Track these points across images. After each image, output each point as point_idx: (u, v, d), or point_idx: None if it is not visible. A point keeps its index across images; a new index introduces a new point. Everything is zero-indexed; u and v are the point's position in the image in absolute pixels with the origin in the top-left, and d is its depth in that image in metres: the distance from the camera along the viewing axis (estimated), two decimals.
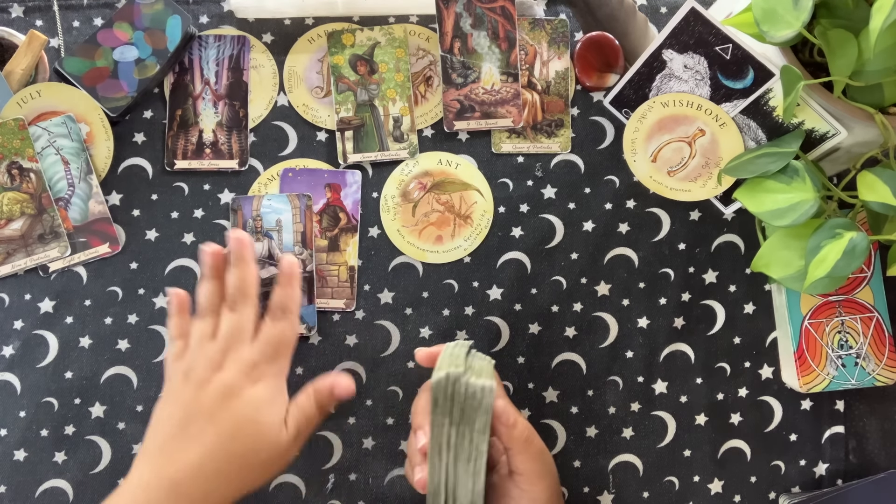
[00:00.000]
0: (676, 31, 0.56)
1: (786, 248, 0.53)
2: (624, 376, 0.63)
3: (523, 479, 0.49)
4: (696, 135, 0.58)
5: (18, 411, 0.59)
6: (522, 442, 0.49)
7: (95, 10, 0.62)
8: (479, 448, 0.46)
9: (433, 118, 0.63)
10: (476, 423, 0.46)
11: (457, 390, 0.47)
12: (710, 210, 0.64)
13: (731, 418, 0.63)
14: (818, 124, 0.54)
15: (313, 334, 0.61)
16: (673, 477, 0.63)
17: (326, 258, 0.62)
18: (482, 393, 0.46)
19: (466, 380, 0.47)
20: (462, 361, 0.48)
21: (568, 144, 0.63)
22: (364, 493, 0.61)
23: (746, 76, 0.55)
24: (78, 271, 0.61)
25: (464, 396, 0.46)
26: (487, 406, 0.46)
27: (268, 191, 0.62)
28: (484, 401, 0.46)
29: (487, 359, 0.50)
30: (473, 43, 0.62)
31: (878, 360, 0.61)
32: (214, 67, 0.62)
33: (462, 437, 0.46)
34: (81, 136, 0.60)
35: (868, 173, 0.51)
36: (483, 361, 0.49)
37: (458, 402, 0.47)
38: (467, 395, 0.46)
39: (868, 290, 0.61)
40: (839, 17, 0.49)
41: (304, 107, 0.63)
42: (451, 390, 0.47)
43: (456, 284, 0.63)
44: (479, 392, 0.46)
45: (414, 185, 0.63)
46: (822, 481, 0.63)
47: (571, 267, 0.63)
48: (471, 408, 0.46)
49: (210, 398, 0.50)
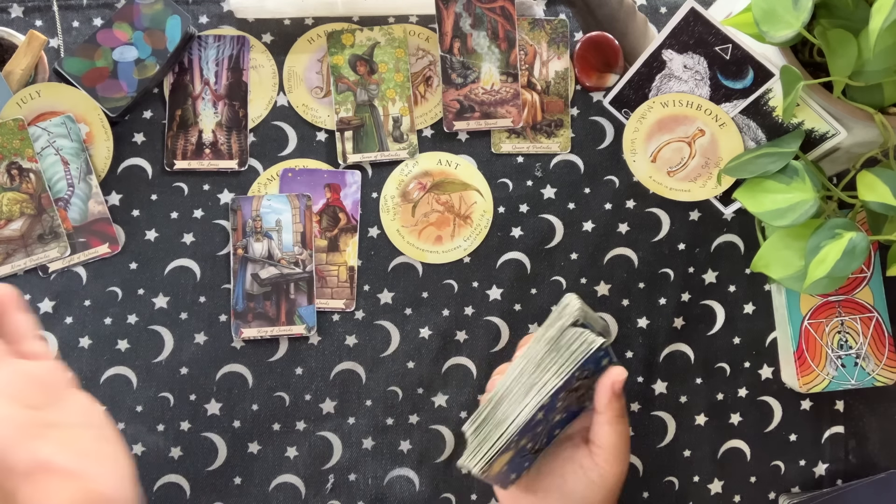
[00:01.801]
0: (676, 31, 0.56)
1: (786, 248, 0.53)
2: None
3: (602, 452, 0.48)
4: (696, 135, 0.58)
5: None
6: (618, 413, 0.47)
7: (95, 11, 0.62)
8: (547, 385, 0.45)
9: (433, 118, 0.63)
10: (563, 362, 0.45)
11: (567, 321, 0.46)
12: (710, 210, 0.64)
13: (731, 418, 0.63)
14: (818, 124, 0.54)
15: (313, 334, 0.61)
16: (673, 477, 0.63)
17: (326, 258, 0.62)
18: (581, 343, 0.45)
19: (585, 328, 0.46)
20: (587, 314, 0.47)
21: (568, 144, 0.63)
22: (364, 493, 0.61)
23: (746, 76, 0.55)
24: (78, 271, 0.61)
25: (573, 337, 0.46)
26: (577, 354, 0.45)
27: (267, 191, 0.62)
28: (577, 348, 0.45)
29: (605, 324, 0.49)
30: (473, 43, 0.62)
31: (877, 360, 0.61)
32: (214, 67, 0.62)
33: (540, 365, 0.46)
34: (81, 137, 0.60)
35: (868, 173, 0.51)
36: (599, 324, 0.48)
37: (561, 335, 0.46)
38: (576, 338, 0.46)
39: (868, 291, 0.61)
40: (839, 17, 0.49)
41: (304, 107, 0.63)
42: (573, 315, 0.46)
43: (456, 284, 0.62)
44: (578, 340, 0.45)
45: (414, 185, 0.63)
46: (822, 481, 0.63)
47: (571, 267, 0.63)
48: (565, 348, 0.46)
49: None
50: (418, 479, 0.61)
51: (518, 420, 0.45)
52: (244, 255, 0.61)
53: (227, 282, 0.61)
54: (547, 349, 0.46)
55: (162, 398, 0.60)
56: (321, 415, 0.61)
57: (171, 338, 0.61)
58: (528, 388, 0.45)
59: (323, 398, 0.61)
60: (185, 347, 0.61)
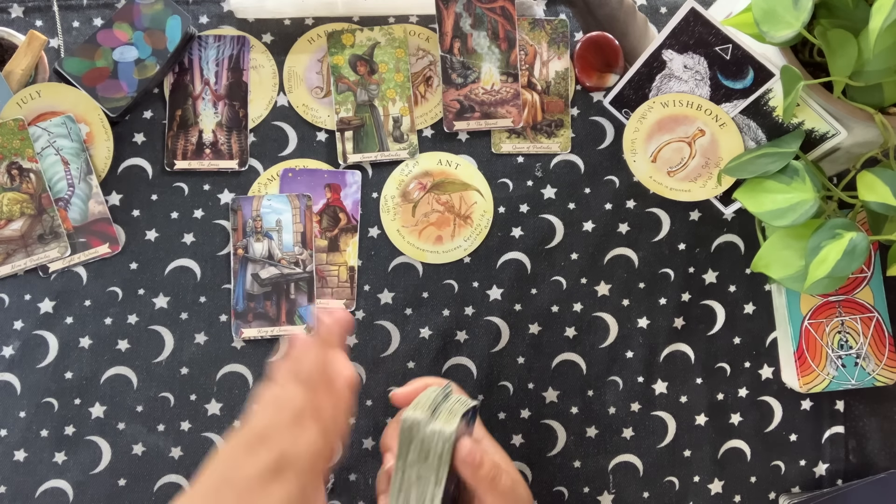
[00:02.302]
0: (676, 31, 0.56)
1: (786, 248, 0.53)
2: (624, 376, 0.63)
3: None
4: (696, 135, 0.58)
5: (18, 412, 0.59)
6: (488, 482, 0.47)
7: (95, 11, 0.62)
8: (434, 495, 0.45)
9: (433, 118, 0.63)
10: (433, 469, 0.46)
11: (416, 435, 0.46)
12: (710, 210, 0.64)
13: (731, 418, 0.63)
14: (818, 124, 0.54)
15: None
16: (673, 477, 0.63)
17: (326, 258, 0.62)
18: (440, 440, 0.46)
19: (428, 426, 0.47)
20: (431, 405, 0.48)
21: (568, 144, 0.63)
22: (364, 493, 0.61)
23: (746, 76, 0.55)
24: (78, 271, 0.61)
25: (424, 442, 0.46)
26: (444, 454, 0.46)
27: (268, 191, 0.62)
28: (440, 448, 0.46)
29: (462, 400, 0.49)
30: (473, 43, 0.62)
31: (878, 361, 0.61)
32: (214, 67, 0.62)
33: (420, 481, 0.46)
34: (81, 137, 0.60)
35: (868, 173, 0.51)
36: (457, 405, 0.48)
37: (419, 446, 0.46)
38: (426, 442, 0.46)
39: (868, 291, 0.61)
40: (839, 17, 0.49)
41: (304, 107, 0.63)
42: (413, 434, 0.47)
43: (456, 284, 0.63)
44: (438, 439, 0.46)
45: (414, 185, 0.63)
46: (822, 481, 0.63)
47: (571, 267, 0.63)
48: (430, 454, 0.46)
49: None
50: None
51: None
52: (244, 255, 0.61)
53: (227, 282, 0.61)
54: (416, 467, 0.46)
55: (162, 398, 0.60)
56: None
57: (171, 338, 0.61)
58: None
59: None
60: (186, 347, 0.61)
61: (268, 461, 0.42)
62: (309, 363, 0.47)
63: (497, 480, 0.48)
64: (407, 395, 0.50)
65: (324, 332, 0.48)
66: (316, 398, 0.46)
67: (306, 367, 0.46)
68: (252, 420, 0.45)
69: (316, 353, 0.47)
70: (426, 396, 0.48)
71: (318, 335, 0.48)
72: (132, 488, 0.60)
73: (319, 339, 0.48)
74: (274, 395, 0.46)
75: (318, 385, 0.46)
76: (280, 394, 0.46)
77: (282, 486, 0.42)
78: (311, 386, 0.46)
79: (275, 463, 0.42)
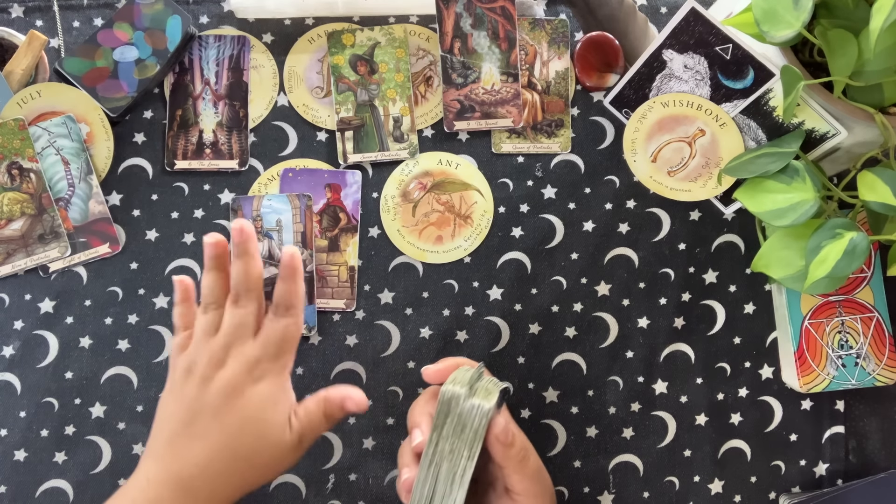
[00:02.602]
0: (676, 31, 0.56)
1: (786, 248, 0.53)
2: (624, 376, 0.63)
3: (521, 497, 0.49)
4: (696, 135, 0.58)
5: (18, 411, 0.59)
6: (518, 461, 0.48)
7: (95, 11, 0.62)
8: (465, 469, 0.46)
9: (433, 118, 0.63)
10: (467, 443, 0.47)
11: (454, 409, 0.47)
12: (710, 210, 0.64)
13: (731, 418, 0.63)
14: (818, 124, 0.54)
15: (313, 334, 0.61)
16: (673, 477, 0.63)
17: (326, 258, 0.62)
18: (478, 415, 0.47)
19: (468, 400, 0.47)
20: (469, 382, 0.48)
21: (568, 144, 0.63)
22: (364, 493, 0.61)
23: (746, 76, 0.55)
24: (78, 271, 0.61)
25: (461, 416, 0.47)
26: (480, 429, 0.47)
27: (268, 191, 0.62)
28: (477, 423, 0.47)
29: (495, 381, 0.50)
30: (473, 43, 0.62)
31: (878, 360, 0.61)
32: (214, 67, 0.62)
33: (453, 454, 0.47)
34: (81, 137, 0.60)
35: (868, 173, 0.51)
36: (491, 384, 0.49)
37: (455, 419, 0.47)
38: (463, 415, 0.47)
39: (868, 290, 0.61)
40: (839, 17, 0.49)
41: (304, 107, 0.63)
42: (451, 408, 0.47)
43: (456, 284, 0.63)
44: (476, 413, 0.47)
45: (414, 185, 0.63)
46: (822, 481, 0.63)
47: (571, 267, 0.63)
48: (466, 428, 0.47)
49: (214, 396, 0.50)
50: None
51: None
52: None
53: None
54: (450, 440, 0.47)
55: None
56: None
57: (171, 338, 0.61)
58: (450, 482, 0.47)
59: None
60: None
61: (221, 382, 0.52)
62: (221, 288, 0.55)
63: (526, 461, 0.49)
64: (439, 372, 0.51)
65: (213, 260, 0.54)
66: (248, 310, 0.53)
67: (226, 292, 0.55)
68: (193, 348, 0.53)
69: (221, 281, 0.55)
70: (462, 373, 0.49)
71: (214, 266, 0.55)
72: None
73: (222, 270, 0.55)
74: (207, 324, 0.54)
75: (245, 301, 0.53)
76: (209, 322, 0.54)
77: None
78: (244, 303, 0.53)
79: None
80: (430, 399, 0.51)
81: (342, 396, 0.53)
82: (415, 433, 0.49)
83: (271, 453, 0.51)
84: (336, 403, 0.53)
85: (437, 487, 0.47)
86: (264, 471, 0.51)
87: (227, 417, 0.50)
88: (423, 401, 0.51)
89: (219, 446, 0.49)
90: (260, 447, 0.50)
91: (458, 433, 0.47)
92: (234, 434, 0.50)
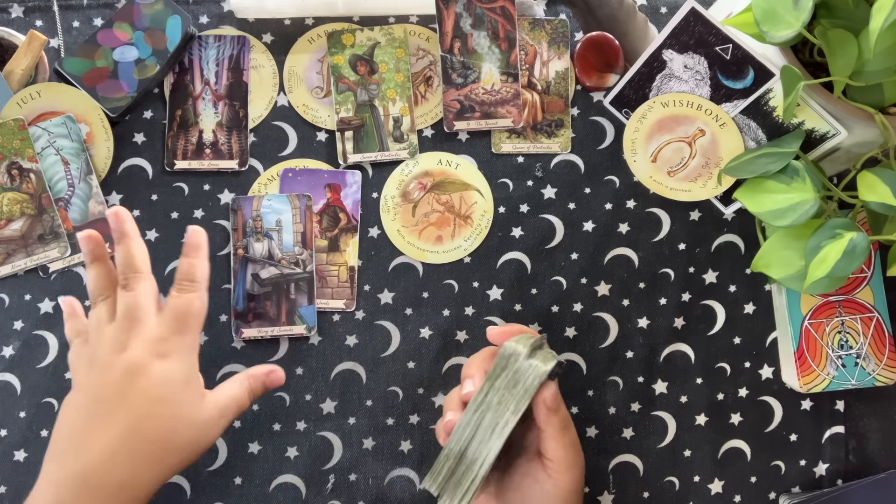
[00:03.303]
0: (676, 31, 0.56)
1: (786, 248, 0.53)
2: (624, 376, 0.63)
3: (553, 464, 0.49)
4: (696, 135, 0.58)
5: (18, 412, 0.59)
6: (560, 428, 0.49)
7: (95, 11, 0.62)
8: (508, 421, 0.48)
9: (433, 118, 0.63)
10: (516, 398, 0.48)
11: (512, 364, 0.49)
12: (710, 210, 0.64)
13: (731, 418, 0.63)
14: (818, 124, 0.54)
15: (313, 334, 0.61)
16: (673, 477, 0.63)
17: (326, 258, 0.62)
18: (533, 374, 0.48)
19: (527, 360, 0.49)
20: (531, 345, 0.50)
21: (568, 144, 0.63)
22: (364, 493, 0.61)
23: (746, 76, 0.55)
24: (78, 271, 0.61)
25: (517, 373, 0.49)
26: (531, 388, 0.48)
27: (268, 191, 0.62)
28: (530, 382, 0.48)
29: (553, 354, 0.51)
30: (473, 43, 0.62)
31: (878, 360, 0.61)
32: (214, 67, 0.62)
33: (501, 405, 0.48)
34: (81, 137, 0.60)
35: (868, 173, 0.51)
36: (550, 355, 0.50)
37: (511, 375, 0.49)
38: (519, 372, 0.49)
39: (868, 290, 0.61)
40: (839, 17, 0.49)
41: (304, 107, 0.63)
42: (509, 363, 0.49)
43: (456, 285, 0.63)
44: (532, 372, 0.48)
45: (414, 185, 0.63)
46: (822, 481, 0.63)
47: (571, 267, 0.63)
48: (519, 384, 0.49)
49: (115, 379, 0.48)
50: (419, 479, 0.62)
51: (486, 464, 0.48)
52: (244, 255, 0.61)
53: (227, 282, 0.61)
54: (501, 392, 0.49)
55: None
56: (321, 415, 0.61)
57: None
58: (490, 431, 0.48)
59: (323, 398, 0.61)
60: None
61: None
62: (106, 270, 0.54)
63: (567, 430, 0.50)
64: (503, 333, 0.52)
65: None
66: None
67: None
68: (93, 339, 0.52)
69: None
70: (525, 338, 0.51)
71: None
72: None
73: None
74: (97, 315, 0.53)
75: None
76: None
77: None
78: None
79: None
80: (486, 357, 0.52)
81: (265, 371, 0.54)
82: (466, 383, 0.50)
83: (189, 432, 0.48)
84: (259, 379, 0.53)
85: (478, 434, 0.48)
86: (184, 452, 0.49)
87: (133, 399, 0.47)
88: (480, 357, 0.52)
89: (127, 431, 0.47)
90: (175, 426, 0.48)
91: (509, 387, 0.49)
92: (143, 415, 0.47)
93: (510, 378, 0.49)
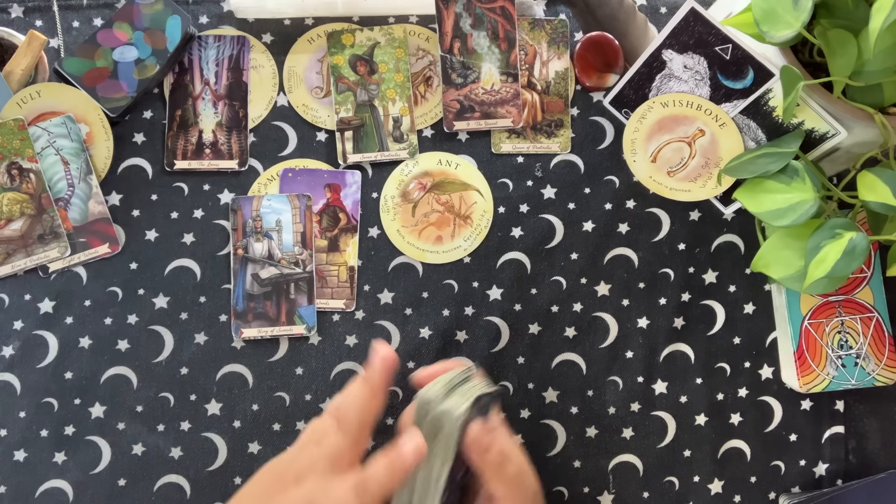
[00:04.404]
0: (676, 31, 0.56)
1: (786, 248, 0.53)
2: (624, 376, 0.63)
3: (503, 502, 0.47)
4: (696, 135, 0.58)
5: (18, 412, 0.59)
6: (495, 467, 0.47)
7: (95, 11, 0.62)
8: (440, 475, 0.46)
9: (433, 118, 0.63)
10: (441, 448, 0.46)
11: (430, 413, 0.47)
12: (710, 210, 0.64)
13: (731, 418, 0.63)
14: (818, 124, 0.54)
15: (313, 334, 0.61)
16: (673, 477, 0.63)
17: (326, 258, 0.62)
18: (448, 420, 0.46)
19: (439, 406, 0.47)
20: (447, 385, 0.48)
21: (568, 144, 0.63)
22: None
23: (746, 76, 0.56)
24: (78, 271, 0.61)
25: (434, 421, 0.46)
26: (452, 434, 0.46)
27: (268, 191, 0.62)
28: (449, 429, 0.46)
29: (480, 385, 0.48)
30: (473, 43, 0.62)
31: (878, 360, 0.61)
32: (214, 67, 0.62)
33: (429, 460, 0.46)
34: (81, 137, 0.60)
35: (868, 173, 0.51)
36: (474, 389, 0.48)
37: (430, 424, 0.47)
38: (437, 419, 0.46)
39: (868, 290, 0.61)
40: (839, 17, 0.49)
41: (304, 107, 0.63)
42: (428, 412, 0.47)
43: (456, 284, 0.63)
44: (446, 419, 0.46)
45: (414, 185, 0.63)
46: (822, 481, 0.63)
47: (571, 267, 0.63)
48: (440, 433, 0.46)
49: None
50: None
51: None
52: (244, 255, 0.61)
53: (227, 282, 0.61)
54: (429, 442, 0.46)
55: (162, 398, 0.60)
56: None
57: (171, 338, 0.61)
58: (425, 489, 0.46)
59: (323, 398, 0.61)
60: (186, 347, 0.61)
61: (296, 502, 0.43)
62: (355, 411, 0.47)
63: (504, 467, 0.48)
64: (428, 376, 0.50)
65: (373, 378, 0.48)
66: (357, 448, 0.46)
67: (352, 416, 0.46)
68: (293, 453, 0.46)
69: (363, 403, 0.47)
70: (446, 377, 0.48)
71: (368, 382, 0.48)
72: (132, 488, 0.60)
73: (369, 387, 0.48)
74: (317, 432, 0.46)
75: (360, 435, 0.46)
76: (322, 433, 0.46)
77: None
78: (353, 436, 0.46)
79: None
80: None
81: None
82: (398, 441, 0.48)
83: None
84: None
85: (415, 495, 0.46)
86: None
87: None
88: (410, 411, 0.50)
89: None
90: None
91: (431, 439, 0.46)
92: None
93: (430, 428, 0.46)
